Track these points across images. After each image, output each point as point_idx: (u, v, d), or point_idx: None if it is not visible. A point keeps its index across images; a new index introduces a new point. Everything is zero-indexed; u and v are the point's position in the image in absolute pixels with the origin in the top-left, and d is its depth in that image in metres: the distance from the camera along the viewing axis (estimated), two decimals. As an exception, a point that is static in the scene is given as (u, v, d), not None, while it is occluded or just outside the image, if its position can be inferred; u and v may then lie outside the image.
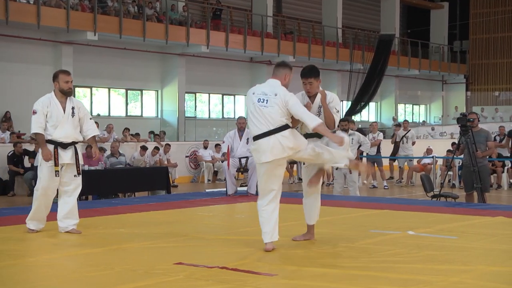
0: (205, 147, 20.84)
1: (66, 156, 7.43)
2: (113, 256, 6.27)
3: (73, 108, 7.49)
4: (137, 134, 20.26)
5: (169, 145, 19.60)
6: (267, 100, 6.29)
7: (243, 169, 12.20)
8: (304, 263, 5.84)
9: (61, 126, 7.39)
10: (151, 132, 21.24)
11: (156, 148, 18.79)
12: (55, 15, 19.65)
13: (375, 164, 18.56)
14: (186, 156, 20.84)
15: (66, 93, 7.51)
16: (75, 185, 7.56)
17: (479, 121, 11.28)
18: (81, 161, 7.62)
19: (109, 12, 21.24)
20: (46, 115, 7.38)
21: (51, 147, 7.37)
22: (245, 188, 12.25)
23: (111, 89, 23.27)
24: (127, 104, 24.09)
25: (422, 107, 37.45)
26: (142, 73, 23.70)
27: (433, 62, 34.29)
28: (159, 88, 24.48)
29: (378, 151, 18.64)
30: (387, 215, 9.26)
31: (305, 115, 6.34)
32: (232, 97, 27.36)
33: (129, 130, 19.91)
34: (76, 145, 7.57)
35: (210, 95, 26.68)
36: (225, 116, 27.16)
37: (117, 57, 22.62)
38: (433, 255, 6.16)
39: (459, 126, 11.01)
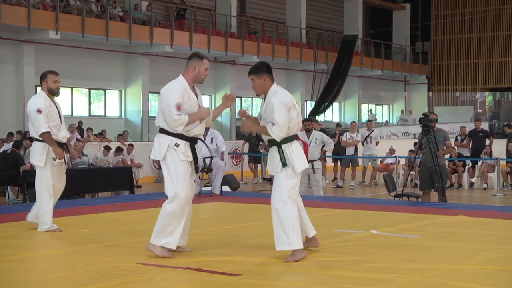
0: (169, 147, 20.68)
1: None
2: (75, 257, 6.21)
3: (60, 109, 7.74)
4: (100, 134, 20.07)
5: (132, 145, 19.45)
6: None
7: (207, 169, 12.17)
8: (268, 263, 5.86)
9: (61, 127, 7.62)
10: (120, 135, 21.03)
11: (120, 149, 18.65)
12: (16, 13, 19.35)
13: (350, 165, 18.68)
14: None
15: (54, 93, 7.63)
16: (64, 182, 7.79)
17: (436, 121, 11.46)
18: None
19: (72, 11, 21.01)
20: (47, 115, 7.49)
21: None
22: (209, 188, 12.23)
23: (74, 88, 23.02)
24: (90, 104, 23.87)
25: (385, 107, 37.80)
26: (105, 73, 23.50)
27: (396, 63, 34.62)
28: (123, 88, 24.30)
29: (356, 151, 18.73)
30: (351, 215, 9.33)
31: (164, 114, 6.01)
32: (196, 97, 27.27)
33: (92, 130, 19.73)
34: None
35: (174, 95, 26.54)
36: (189, 116, 27.03)
37: (80, 57, 22.38)
38: (396, 254, 6.22)
39: (421, 126, 11.16)
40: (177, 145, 6.05)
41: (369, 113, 33.67)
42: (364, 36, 34.93)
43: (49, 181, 7.51)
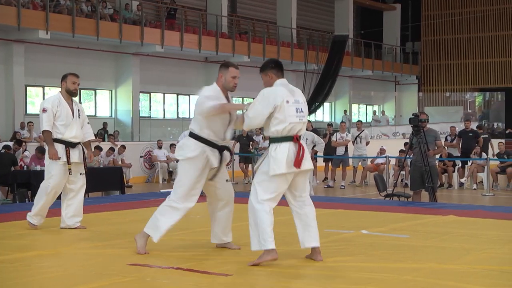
0: (160, 147, 20.73)
1: (74, 155, 7.78)
2: (66, 257, 6.20)
3: (78, 110, 7.92)
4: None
5: (124, 146, 19.43)
6: None
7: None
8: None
9: (71, 126, 7.76)
10: (111, 135, 21.01)
11: (111, 149, 18.64)
12: (6, 13, 19.27)
13: (341, 165, 18.69)
14: (141, 156, 20.69)
15: (71, 94, 7.88)
16: (81, 183, 7.92)
17: (428, 121, 11.51)
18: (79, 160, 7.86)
19: (62, 10, 20.95)
20: (55, 115, 7.67)
21: (62, 146, 7.68)
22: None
23: (63, 88, 22.95)
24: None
25: (376, 107, 37.88)
26: (95, 73, 23.43)
27: (386, 63, 34.71)
28: (113, 88, 24.25)
29: (346, 151, 18.74)
30: (341, 215, 9.35)
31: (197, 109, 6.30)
32: (187, 97, 27.27)
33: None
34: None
35: (165, 95, 26.55)
36: (180, 116, 27.05)
37: (70, 56, 22.31)
38: (386, 254, 6.24)
39: (411, 126, 11.19)
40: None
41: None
42: (354, 36, 35.00)
43: (51, 179, 7.67)
